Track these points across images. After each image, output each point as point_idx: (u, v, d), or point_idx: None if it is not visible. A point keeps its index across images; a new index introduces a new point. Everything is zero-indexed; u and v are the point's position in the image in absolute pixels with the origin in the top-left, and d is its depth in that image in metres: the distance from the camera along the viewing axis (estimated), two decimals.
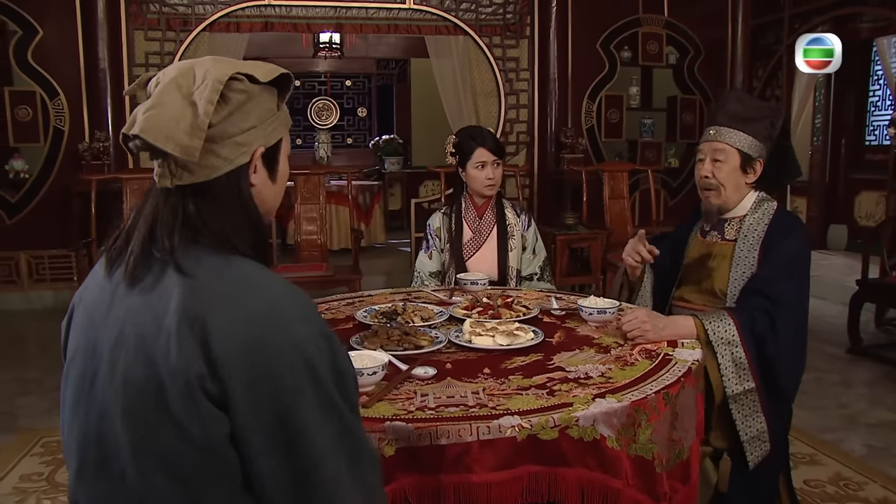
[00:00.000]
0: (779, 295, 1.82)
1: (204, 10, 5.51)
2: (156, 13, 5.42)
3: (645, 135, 6.49)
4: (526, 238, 2.70)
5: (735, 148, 1.93)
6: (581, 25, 6.02)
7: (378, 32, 6.24)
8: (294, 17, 5.81)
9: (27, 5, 5.15)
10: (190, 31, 5.47)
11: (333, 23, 5.97)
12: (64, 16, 5.18)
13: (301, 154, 9.32)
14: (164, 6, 5.43)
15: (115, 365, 0.92)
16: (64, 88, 5.22)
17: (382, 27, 6.07)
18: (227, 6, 5.52)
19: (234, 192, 0.98)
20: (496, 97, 6.24)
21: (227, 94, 0.95)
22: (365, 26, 6.06)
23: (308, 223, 4.80)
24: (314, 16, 5.85)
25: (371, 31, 6.18)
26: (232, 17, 5.60)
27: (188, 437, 0.87)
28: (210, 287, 0.91)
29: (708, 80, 6.26)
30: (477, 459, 1.21)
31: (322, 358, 0.91)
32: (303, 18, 5.84)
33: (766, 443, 1.82)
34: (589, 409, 1.27)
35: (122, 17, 5.28)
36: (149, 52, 5.43)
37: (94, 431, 0.93)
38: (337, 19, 5.93)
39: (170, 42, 5.47)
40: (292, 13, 5.79)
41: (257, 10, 5.65)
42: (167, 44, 5.47)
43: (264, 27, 5.76)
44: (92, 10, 5.16)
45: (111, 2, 5.21)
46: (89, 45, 5.19)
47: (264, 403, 0.87)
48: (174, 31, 5.47)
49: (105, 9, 5.17)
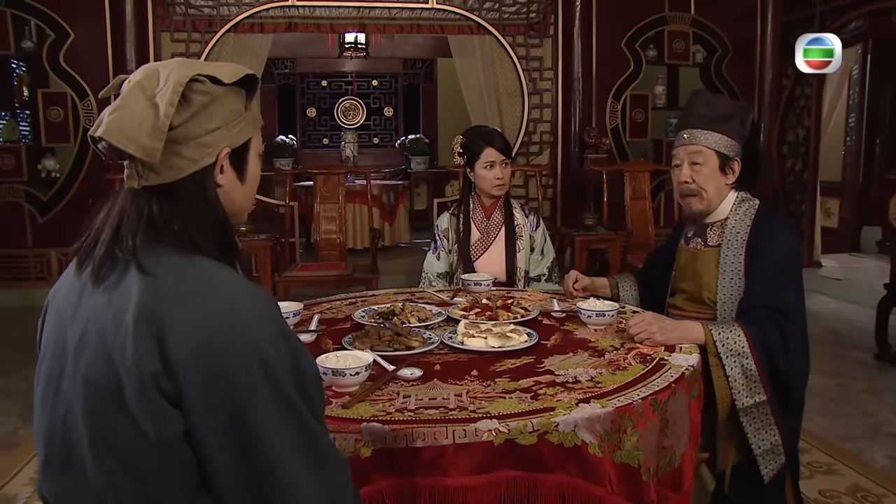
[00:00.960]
0: (787, 308, 1.76)
1: (229, 12, 5.58)
2: (182, 15, 5.51)
3: (671, 134, 6.38)
4: (534, 239, 2.68)
5: (712, 149, 1.90)
6: (605, 24, 5.95)
7: (401, 32, 6.26)
8: (317, 17, 5.85)
9: (60, 9, 5.28)
10: (215, 32, 5.55)
11: (356, 23, 5.99)
12: (94, 19, 5.30)
13: (328, 154, 9.40)
14: (189, 8, 5.51)
15: (78, 362, 0.93)
16: (93, 89, 5.33)
17: (405, 27, 6.08)
18: (252, 7, 5.58)
19: (199, 193, 0.99)
20: (520, 97, 6.19)
21: (189, 95, 0.96)
22: (388, 26, 6.08)
23: (327, 222, 4.82)
24: (337, 16, 5.88)
25: (394, 31, 6.20)
26: (256, 18, 5.66)
27: (144, 435, 0.87)
28: (170, 286, 0.91)
29: (736, 78, 6.12)
30: (452, 463, 1.19)
31: (280, 358, 0.91)
32: (326, 19, 5.88)
33: (781, 455, 1.77)
34: (570, 415, 1.25)
35: (150, 20, 5.38)
36: (175, 53, 5.51)
37: (58, 427, 0.95)
38: (360, 19, 5.95)
39: (195, 43, 5.55)
40: (316, 14, 5.82)
41: (281, 11, 5.70)
42: (193, 45, 5.55)
43: (288, 28, 5.80)
44: (120, 13, 5.27)
45: (139, 4, 5.31)
46: (117, 47, 5.30)
47: (219, 402, 0.87)
48: (199, 33, 5.55)
49: (133, 11, 5.27)
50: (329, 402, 1.33)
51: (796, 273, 1.84)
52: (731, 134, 1.90)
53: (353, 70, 9.44)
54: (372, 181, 7.98)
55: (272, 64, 9.13)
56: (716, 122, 1.90)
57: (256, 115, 1.08)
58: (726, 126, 1.90)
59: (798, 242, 1.89)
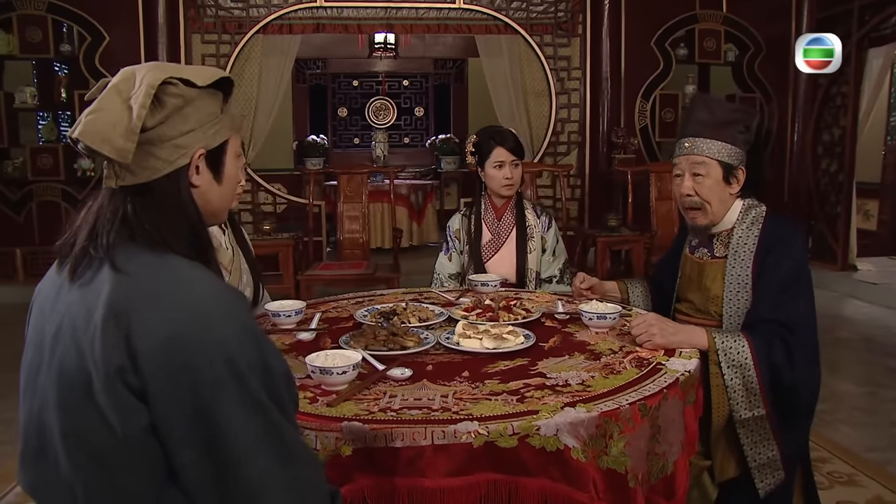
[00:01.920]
0: (793, 323, 1.71)
1: (258, 13, 5.67)
2: (212, 17, 5.62)
3: None
4: (546, 240, 2.66)
5: (714, 159, 1.81)
6: (634, 23, 5.88)
7: (428, 32, 6.28)
8: (345, 18, 5.91)
9: (96, 14, 5.44)
10: (244, 33, 5.65)
11: (384, 23, 6.03)
12: (128, 22, 5.45)
13: (359, 153, 9.47)
14: (220, 10, 5.62)
15: (53, 356, 0.95)
16: None
17: (433, 27, 6.10)
18: (280, 9, 5.66)
19: (173, 193, 1.01)
20: (547, 97, 6.16)
21: (163, 98, 0.97)
22: (415, 26, 6.11)
23: (350, 222, 4.86)
24: (365, 17, 5.92)
25: (421, 31, 6.22)
26: (285, 20, 5.74)
27: (112, 428, 0.89)
28: (139, 283, 0.93)
29: (769, 77, 6.00)
30: (430, 464, 1.19)
31: (245, 356, 0.92)
32: (354, 19, 5.93)
33: (779, 470, 1.72)
34: (553, 419, 1.23)
35: (181, 22, 5.51)
36: (205, 55, 5.63)
37: (35, 419, 0.97)
38: (387, 20, 5.98)
39: (225, 45, 5.66)
40: (343, 14, 5.88)
41: (309, 12, 5.77)
42: (223, 46, 5.66)
43: (316, 29, 5.87)
44: (153, 16, 5.40)
45: (171, 7, 5.44)
46: (150, 49, 5.44)
47: (184, 397, 0.88)
48: (229, 34, 5.66)
49: (165, 14, 5.41)
50: (316, 400, 1.34)
51: (805, 283, 1.78)
52: (733, 141, 1.81)
53: (384, 70, 9.49)
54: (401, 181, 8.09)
55: (304, 64, 9.24)
56: (717, 128, 1.81)
57: (234, 117, 1.10)
58: (728, 132, 1.81)
59: (806, 252, 1.83)
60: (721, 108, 1.87)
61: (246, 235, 2.18)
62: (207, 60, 5.64)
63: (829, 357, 4.21)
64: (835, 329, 4.82)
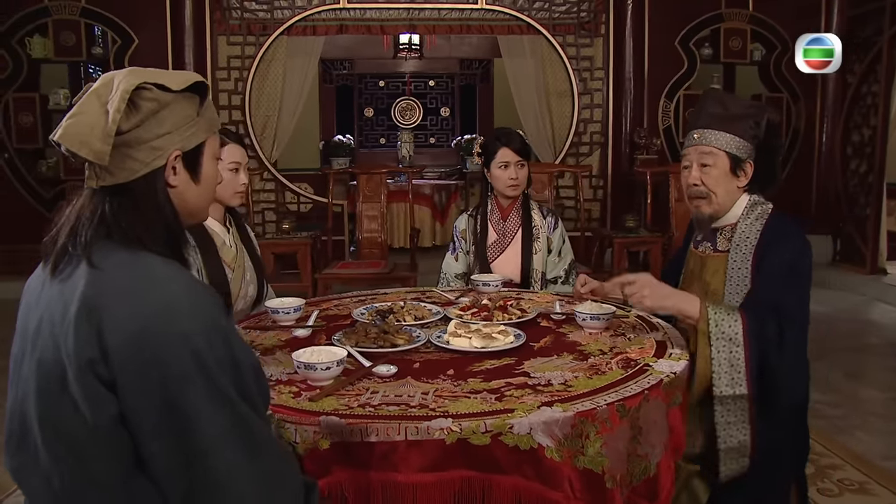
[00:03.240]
0: (788, 307, 1.70)
1: (282, 15, 5.76)
2: (237, 19, 5.72)
3: None
4: (552, 240, 2.66)
5: (723, 150, 1.82)
6: (658, 22, 5.82)
7: (450, 33, 6.30)
8: (368, 19, 5.97)
9: (127, 17, 5.60)
10: (269, 35, 5.74)
11: (406, 24, 6.07)
12: (156, 24, 5.59)
13: (384, 153, 9.53)
14: (245, 12, 5.72)
15: (34, 348, 1.00)
16: None
17: (455, 28, 6.12)
18: (304, 10, 5.74)
19: (150, 193, 1.05)
20: (570, 97, 6.14)
21: (138, 102, 1.02)
22: (438, 27, 6.13)
23: (370, 221, 4.91)
24: (387, 17, 5.97)
25: (444, 32, 6.24)
26: (308, 21, 5.82)
27: (83, 417, 0.94)
28: (113, 279, 0.97)
29: (797, 77, 5.87)
30: (403, 459, 1.21)
31: (212, 350, 0.95)
32: (376, 20, 5.98)
33: (745, 457, 1.69)
34: (527, 417, 1.25)
35: (207, 24, 5.62)
36: (230, 56, 5.74)
37: (19, 408, 1.02)
38: (410, 21, 6.03)
39: (250, 46, 5.76)
40: (366, 16, 5.94)
41: (332, 14, 5.84)
42: (248, 48, 5.76)
43: (339, 30, 5.94)
44: (180, 19, 5.53)
45: (197, 10, 5.56)
46: (177, 51, 5.58)
47: (152, 390, 0.92)
48: (254, 36, 5.76)
49: (192, 17, 5.53)
50: (299, 395, 1.38)
51: (804, 279, 1.76)
52: (743, 135, 1.82)
53: (410, 70, 9.54)
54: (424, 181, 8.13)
55: (331, 65, 9.34)
56: (727, 121, 1.82)
57: (211, 119, 1.13)
58: (738, 126, 1.82)
59: (808, 250, 1.80)
60: (733, 103, 1.88)
61: (251, 233, 2.23)
62: (233, 62, 5.75)
63: (854, 362, 4.13)
64: (862, 334, 4.72)
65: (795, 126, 6.05)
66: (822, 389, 3.61)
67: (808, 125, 6.07)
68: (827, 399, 3.47)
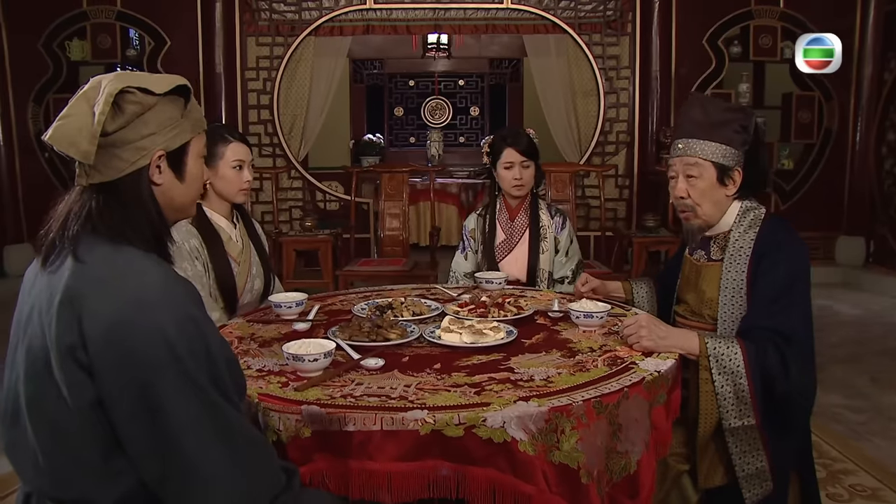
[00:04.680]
0: (788, 331, 1.66)
1: (310, 16, 5.85)
2: (266, 20, 5.84)
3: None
4: (559, 240, 2.67)
5: (708, 160, 1.77)
6: (686, 20, 5.75)
7: (476, 32, 6.32)
8: (394, 19, 6.03)
9: (159, 19, 5.76)
10: (297, 35, 5.84)
11: (431, 24, 6.12)
12: (188, 26, 5.73)
13: (414, 152, 9.59)
14: (273, 14, 5.83)
15: (25, 335, 1.08)
16: None
17: (480, 27, 6.14)
18: (331, 11, 5.83)
19: (135, 190, 1.11)
20: (596, 96, 6.11)
21: (122, 105, 1.08)
22: (463, 27, 6.16)
23: (391, 219, 4.97)
24: (413, 18, 6.03)
25: (469, 32, 6.28)
26: (336, 22, 5.91)
27: (65, 400, 1.00)
28: (95, 272, 1.03)
29: (830, 74, 5.74)
30: (379, 448, 1.25)
31: (184, 340, 1.00)
32: (402, 21, 6.04)
33: (767, 481, 1.68)
34: (501, 411, 1.27)
35: (237, 25, 5.75)
36: (259, 57, 5.86)
37: (12, 389, 1.10)
38: (435, 21, 6.07)
39: (279, 46, 5.87)
40: (393, 16, 6.00)
41: (359, 14, 5.91)
42: (276, 48, 5.87)
43: (365, 30, 6.01)
44: (211, 20, 5.68)
45: (227, 12, 5.70)
46: (207, 52, 5.72)
47: (127, 376, 0.98)
48: (283, 37, 5.87)
49: (222, 18, 5.67)
50: (287, 385, 1.43)
51: (802, 291, 1.72)
52: (729, 141, 1.77)
53: (440, 70, 9.59)
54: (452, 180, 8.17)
55: (361, 65, 9.44)
56: (711, 128, 1.77)
57: (196, 120, 1.19)
58: (723, 133, 1.77)
59: (804, 257, 1.76)
60: (715, 108, 1.83)
61: (259, 229, 2.29)
62: (261, 62, 5.87)
63: (883, 366, 4.03)
64: (893, 337, 4.59)
65: (828, 125, 5.91)
66: (847, 393, 3.54)
67: (842, 124, 5.93)
68: (850, 404, 3.41)
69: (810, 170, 6.03)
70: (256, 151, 5.98)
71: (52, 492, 1.06)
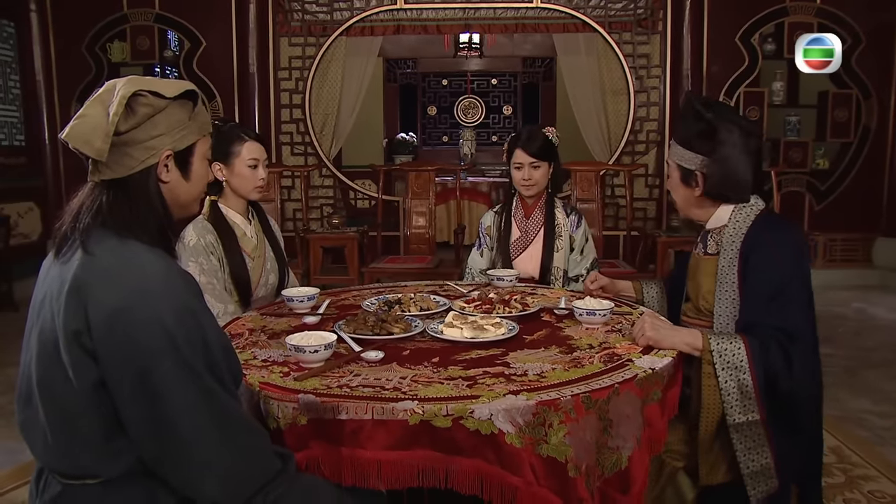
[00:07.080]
0: (792, 327, 1.67)
1: (341, 17, 5.95)
2: (299, 21, 5.96)
3: (790, 133, 5.95)
4: (574, 238, 2.69)
5: (674, 162, 1.89)
6: (718, 18, 5.67)
7: (506, 32, 6.34)
8: (424, 19, 6.09)
9: (195, 21, 5.92)
10: (328, 35, 5.94)
11: (462, 24, 6.15)
12: (222, 27, 5.88)
13: (447, 151, 9.66)
14: (305, 14, 5.95)
15: (38, 319, 1.16)
16: (220, 91, 5.93)
17: (510, 26, 6.16)
18: (363, 11, 5.91)
19: (143, 187, 1.19)
20: (626, 95, 6.07)
21: (135, 107, 1.15)
22: (493, 26, 6.19)
23: (418, 217, 5.03)
24: (444, 17, 6.07)
25: (499, 31, 6.30)
26: (367, 22, 6.00)
27: (71, 382, 1.07)
28: (101, 263, 1.11)
29: (868, 72, 5.60)
30: (370, 436, 1.30)
31: (182, 329, 1.07)
32: (433, 20, 6.09)
33: (772, 479, 1.68)
34: (488, 403, 1.31)
35: (270, 26, 5.88)
36: (292, 57, 5.98)
37: (27, 370, 1.18)
38: (465, 20, 6.11)
39: (311, 47, 5.98)
40: (423, 16, 6.06)
41: (390, 14, 5.98)
42: (308, 48, 5.98)
43: (396, 30, 6.09)
44: (245, 21, 5.81)
45: (261, 13, 5.83)
46: (241, 52, 5.86)
47: (127, 361, 1.05)
48: (314, 37, 5.97)
49: (256, 19, 5.80)
50: (288, 375, 1.48)
51: (798, 288, 1.71)
52: (691, 147, 1.84)
53: (473, 69, 9.63)
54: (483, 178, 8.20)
55: (395, 64, 9.54)
56: (682, 132, 1.89)
57: (203, 123, 1.26)
58: (688, 138, 1.86)
59: (796, 253, 1.75)
60: (690, 112, 1.87)
61: (274, 225, 2.36)
62: (294, 62, 5.99)
63: None
64: None
65: (866, 124, 5.76)
66: (875, 399, 3.47)
67: (881, 123, 5.77)
68: (876, 409, 3.34)
69: (847, 169, 5.89)
70: (288, 150, 6.11)
71: (59, 467, 1.14)
